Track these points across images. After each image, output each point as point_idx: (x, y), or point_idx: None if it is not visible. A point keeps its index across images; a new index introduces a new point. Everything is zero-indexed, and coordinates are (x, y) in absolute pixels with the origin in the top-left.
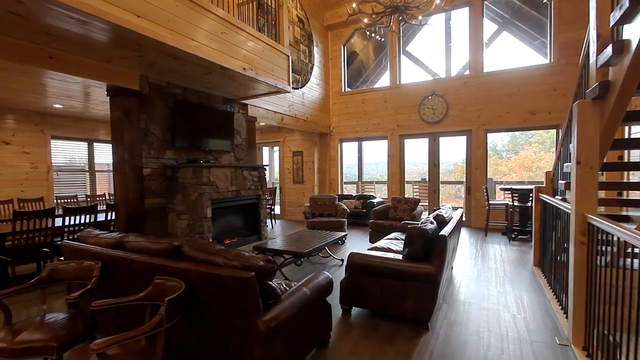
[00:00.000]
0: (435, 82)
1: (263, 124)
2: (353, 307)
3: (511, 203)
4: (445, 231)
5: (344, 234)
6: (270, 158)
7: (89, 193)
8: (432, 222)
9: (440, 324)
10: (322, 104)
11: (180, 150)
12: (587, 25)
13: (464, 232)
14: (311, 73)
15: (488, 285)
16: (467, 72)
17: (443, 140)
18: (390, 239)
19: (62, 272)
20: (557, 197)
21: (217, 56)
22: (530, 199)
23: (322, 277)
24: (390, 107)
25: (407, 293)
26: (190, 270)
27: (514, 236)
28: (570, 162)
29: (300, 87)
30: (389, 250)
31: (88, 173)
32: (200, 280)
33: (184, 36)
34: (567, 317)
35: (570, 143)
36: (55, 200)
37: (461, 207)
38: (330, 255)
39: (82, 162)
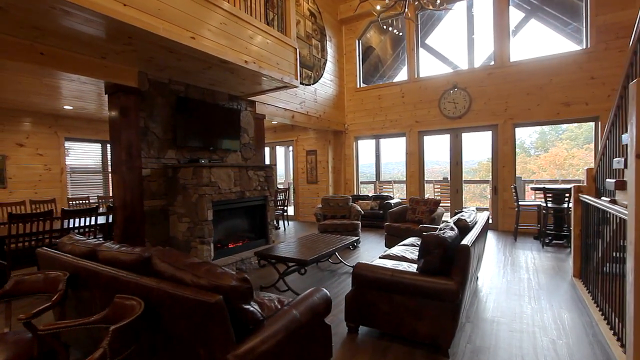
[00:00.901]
0: (457, 74)
1: (275, 122)
2: (360, 326)
3: (544, 204)
4: (468, 239)
5: (355, 238)
6: (286, 158)
7: (102, 194)
8: (452, 229)
9: (462, 349)
10: (337, 101)
11: (183, 150)
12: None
13: (490, 236)
14: (324, 69)
15: (520, 301)
16: (491, 63)
17: (466, 137)
18: (406, 245)
19: (27, 284)
20: (603, 198)
21: (217, 49)
22: (567, 199)
23: (318, 295)
24: (409, 102)
25: (422, 312)
26: (152, 288)
27: (547, 241)
28: (622, 156)
29: (313, 84)
30: (403, 259)
31: (102, 174)
32: (162, 301)
33: (178, 27)
34: (623, 349)
35: (623, 133)
36: (68, 202)
37: (487, 209)
38: (341, 261)
39: (96, 164)
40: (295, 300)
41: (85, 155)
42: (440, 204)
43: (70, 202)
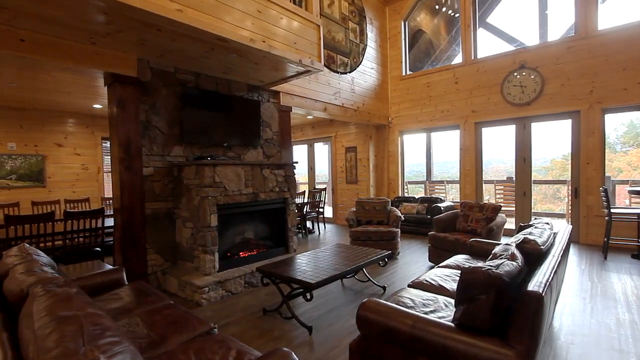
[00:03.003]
0: (525, 51)
1: (312, 117)
2: None
3: None
4: (540, 279)
5: (386, 253)
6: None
7: None
8: (513, 256)
9: None
10: (378, 91)
11: (193, 147)
12: None
13: (570, 251)
14: (363, 55)
15: None
16: (571, 34)
17: (536, 127)
18: (451, 266)
19: None
20: None
21: (211, 23)
22: None
23: None
24: (463, 88)
25: None
26: None
27: None
28: None
29: (350, 72)
30: (441, 290)
31: None
32: None
33: None
34: None
35: None
36: (102, 201)
37: (562, 215)
38: (369, 279)
39: None
40: None
41: None
42: (502, 210)
43: (106, 202)
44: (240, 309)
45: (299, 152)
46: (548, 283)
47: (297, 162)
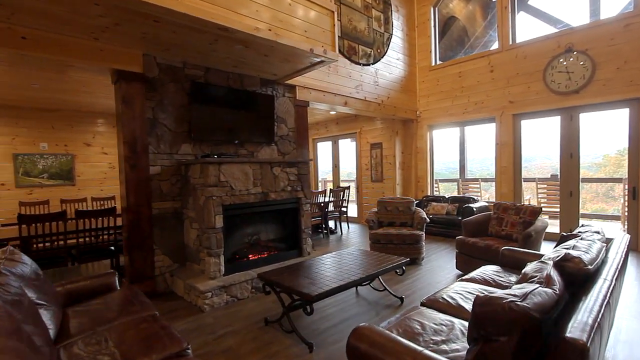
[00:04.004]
0: (571, 32)
1: (334, 112)
2: None
3: None
4: (584, 319)
5: (404, 260)
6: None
7: None
8: (549, 280)
9: None
10: (405, 83)
11: (202, 144)
12: None
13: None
14: (388, 45)
15: None
16: (630, 10)
17: (585, 119)
18: (477, 280)
19: None
20: None
21: (210, 11)
22: None
23: None
24: (499, 77)
25: None
26: None
27: None
28: None
29: (373, 63)
30: (459, 312)
31: None
32: None
33: None
34: None
35: None
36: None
37: (617, 217)
38: (385, 288)
39: None
40: None
41: None
42: (545, 212)
43: None
44: (243, 317)
45: (324, 149)
46: (597, 324)
47: (311, 160)
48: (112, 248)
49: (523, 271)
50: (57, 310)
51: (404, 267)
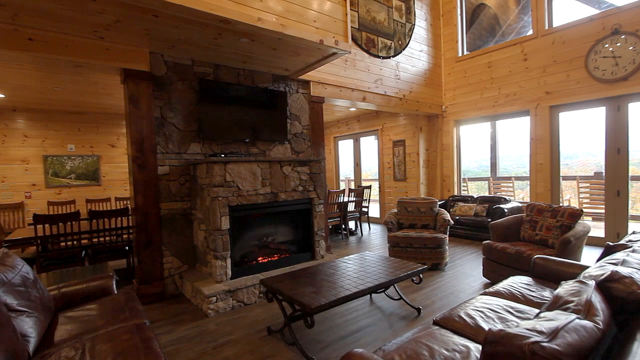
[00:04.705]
0: (618, 12)
1: (354, 109)
2: None
3: None
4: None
5: (420, 268)
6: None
7: None
8: (588, 309)
9: None
10: (429, 76)
11: (211, 143)
12: None
13: None
14: (410, 36)
15: None
16: None
17: (635, 109)
18: (503, 294)
19: None
20: None
21: (212, 2)
22: None
23: None
24: (534, 66)
25: None
26: None
27: None
28: None
29: (393, 56)
30: (477, 334)
31: None
32: None
33: None
34: None
35: None
36: None
37: None
38: (401, 297)
39: None
40: None
41: None
42: (588, 214)
43: None
44: (247, 324)
45: (345, 148)
46: None
47: (324, 158)
48: (127, 248)
49: (555, 293)
50: (43, 317)
51: (421, 276)
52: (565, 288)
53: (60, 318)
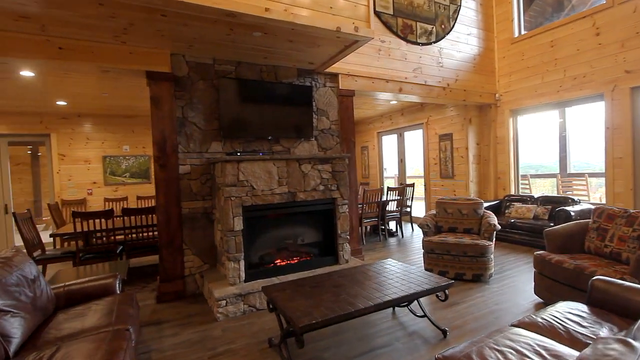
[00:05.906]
0: None
1: (395, 102)
2: None
3: None
4: None
5: (445, 284)
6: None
7: None
8: None
9: None
10: (479, 62)
11: (233, 142)
12: None
13: None
14: (455, 19)
15: None
16: None
17: None
18: (541, 328)
19: None
20: None
21: None
22: None
23: None
24: (609, 41)
25: None
26: None
27: None
28: None
29: (435, 42)
30: None
31: None
32: None
33: None
34: None
35: None
36: None
37: None
38: (425, 315)
39: None
40: None
41: None
42: None
43: None
44: (253, 332)
45: (389, 143)
46: None
47: (348, 155)
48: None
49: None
50: (31, 317)
51: (446, 292)
52: (595, 352)
53: (57, 318)
